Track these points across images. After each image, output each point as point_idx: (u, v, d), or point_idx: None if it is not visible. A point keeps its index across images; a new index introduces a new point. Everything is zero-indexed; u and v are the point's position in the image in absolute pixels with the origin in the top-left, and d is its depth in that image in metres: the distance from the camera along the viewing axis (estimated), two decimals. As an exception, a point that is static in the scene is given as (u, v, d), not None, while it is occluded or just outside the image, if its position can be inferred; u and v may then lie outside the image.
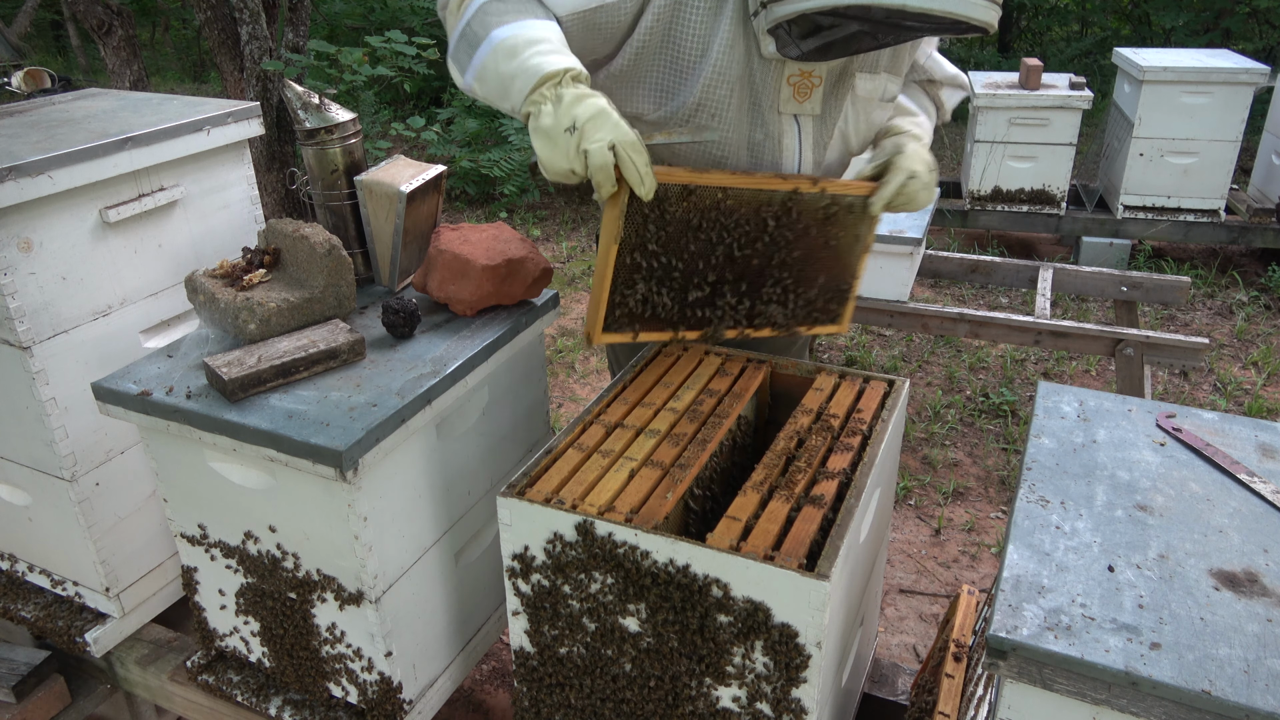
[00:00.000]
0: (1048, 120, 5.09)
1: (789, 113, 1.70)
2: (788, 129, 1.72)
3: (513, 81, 1.40)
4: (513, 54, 1.41)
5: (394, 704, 1.76)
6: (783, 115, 1.70)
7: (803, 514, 1.41)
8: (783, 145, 1.72)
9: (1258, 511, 1.31)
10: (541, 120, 1.37)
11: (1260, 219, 5.08)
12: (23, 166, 1.71)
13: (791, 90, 1.67)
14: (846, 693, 1.72)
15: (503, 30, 1.43)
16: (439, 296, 1.88)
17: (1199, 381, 4.28)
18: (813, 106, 1.70)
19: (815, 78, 1.67)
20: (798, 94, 1.68)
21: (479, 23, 1.47)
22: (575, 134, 1.35)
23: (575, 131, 1.35)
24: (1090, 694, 1.07)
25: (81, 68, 10.99)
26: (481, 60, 1.44)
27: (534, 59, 1.38)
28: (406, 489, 1.69)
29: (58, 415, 1.86)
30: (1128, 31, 9.36)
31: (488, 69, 1.44)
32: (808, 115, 1.71)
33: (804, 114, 1.71)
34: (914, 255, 3.47)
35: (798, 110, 1.70)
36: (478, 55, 1.45)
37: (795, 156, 1.74)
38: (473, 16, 1.49)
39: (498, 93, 1.45)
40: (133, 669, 2.09)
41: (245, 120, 2.11)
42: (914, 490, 3.54)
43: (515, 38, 1.41)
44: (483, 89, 1.48)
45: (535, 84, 1.38)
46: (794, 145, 1.72)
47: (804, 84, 1.67)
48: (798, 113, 1.70)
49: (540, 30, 1.43)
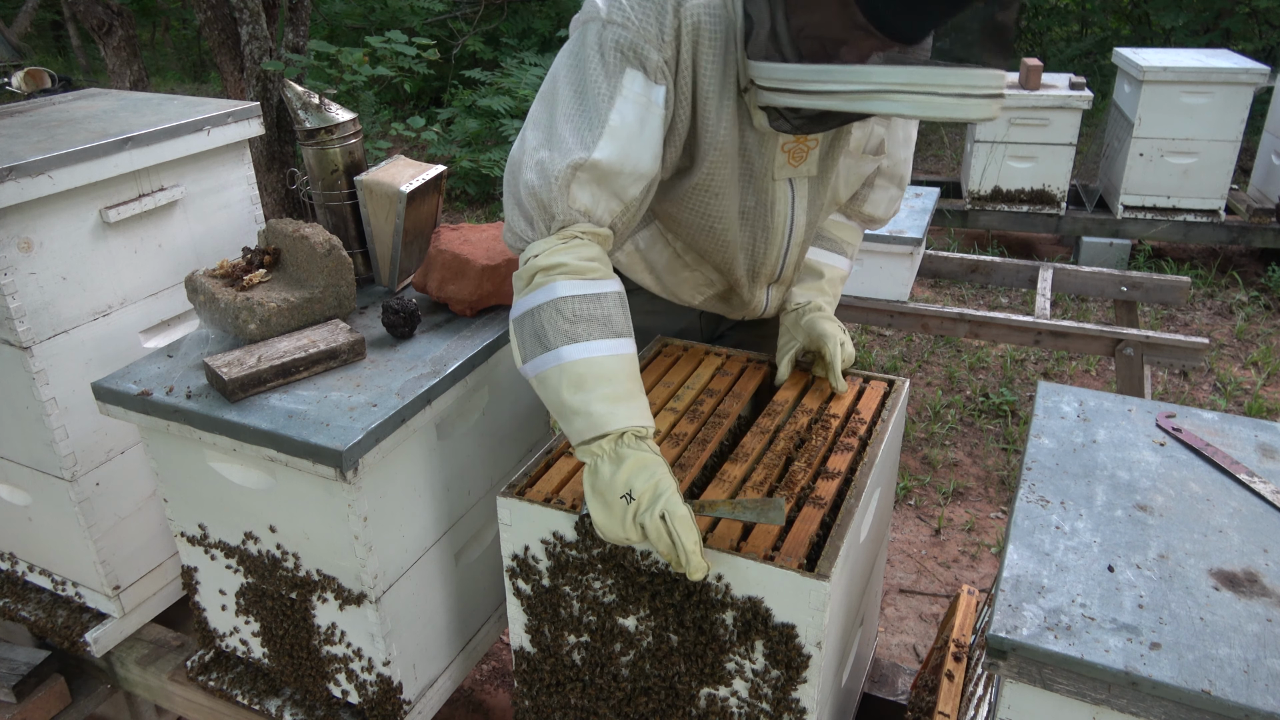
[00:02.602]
0: (1048, 120, 5.09)
1: (783, 178, 1.62)
2: (780, 195, 1.64)
3: (573, 417, 1.33)
4: (578, 387, 1.33)
5: (394, 704, 1.76)
6: (777, 182, 1.62)
7: (802, 514, 1.41)
8: (775, 211, 1.65)
9: (1258, 511, 1.31)
10: (599, 477, 1.31)
11: (1260, 219, 5.08)
12: (23, 166, 1.71)
13: (786, 156, 1.60)
14: (846, 693, 1.72)
15: (574, 351, 1.34)
16: (439, 296, 1.89)
17: (1199, 381, 4.28)
18: (808, 169, 1.64)
19: (811, 140, 1.60)
20: (792, 159, 1.61)
21: (550, 324, 1.36)
22: (632, 504, 1.28)
23: (632, 501, 1.28)
24: (1090, 694, 1.07)
25: (81, 68, 10.99)
26: (544, 371, 1.37)
27: (599, 405, 1.31)
28: (406, 489, 1.69)
29: (58, 415, 1.86)
30: (1128, 31, 9.35)
31: (549, 384, 1.37)
32: (803, 178, 1.64)
33: (799, 177, 1.64)
34: (914, 255, 3.47)
35: (793, 174, 1.63)
36: (542, 362, 1.37)
37: (787, 221, 1.67)
38: (544, 309, 1.37)
39: (554, 410, 1.38)
40: (133, 669, 2.09)
41: (245, 120, 2.11)
42: (914, 490, 3.54)
43: (586, 371, 1.33)
44: (540, 392, 1.40)
45: (595, 436, 1.31)
46: (786, 210, 1.66)
47: (799, 149, 1.60)
48: (793, 177, 1.63)
49: (612, 366, 1.35)
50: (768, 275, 1.78)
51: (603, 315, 1.38)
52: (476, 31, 8.05)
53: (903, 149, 1.83)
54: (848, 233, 1.92)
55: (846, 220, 1.93)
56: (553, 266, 1.38)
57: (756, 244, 1.70)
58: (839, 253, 1.90)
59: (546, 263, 1.38)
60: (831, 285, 1.86)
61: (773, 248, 1.71)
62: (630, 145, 1.41)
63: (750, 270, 1.75)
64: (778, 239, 1.69)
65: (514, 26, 8.27)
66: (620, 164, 1.41)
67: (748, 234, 1.68)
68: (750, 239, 1.69)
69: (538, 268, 1.39)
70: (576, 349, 1.34)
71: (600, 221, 1.44)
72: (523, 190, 1.43)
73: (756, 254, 1.72)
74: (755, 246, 1.70)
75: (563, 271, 1.38)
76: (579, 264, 1.38)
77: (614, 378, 1.34)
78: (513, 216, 1.46)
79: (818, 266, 1.86)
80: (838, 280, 1.88)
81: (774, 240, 1.69)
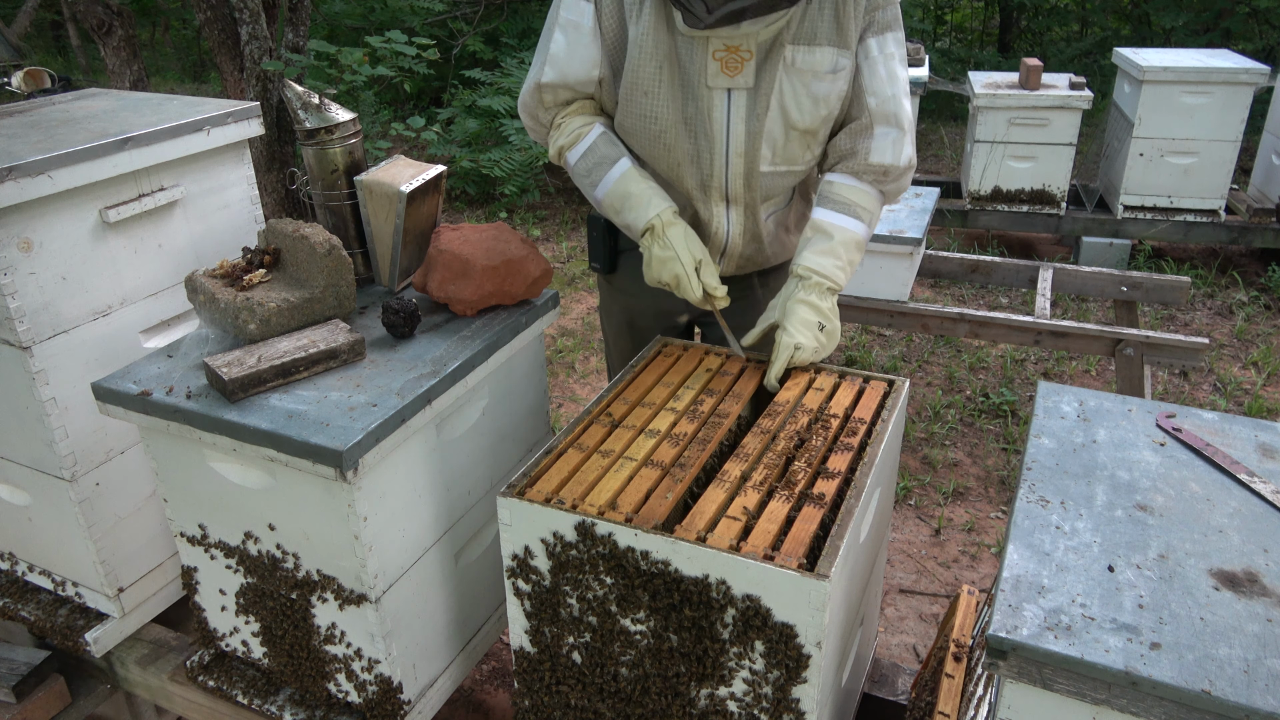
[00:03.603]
0: (1048, 120, 5.09)
1: (719, 87, 1.76)
2: (717, 103, 1.77)
3: (627, 228, 1.88)
4: (617, 210, 1.86)
5: (394, 704, 1.76)
6: (712, 90, 1.76)
7: (803, 514, 1.41)
8: (712, 119, 1.78)
9: (1258, 511, 1.31)
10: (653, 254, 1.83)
11: (1260, 219, 5.08)
12: (23, 166, 1.71)
13: (719, 65, 1.74)
14: (846, 693, 1.72)
15: (601, 189, 1.88)
16: (439, 296, 1.88)
17: (1199, 381, 4.28)
18: (745, 80, 1.75)
19: (745, 52, 1.72)
20: (726, 68, 1.74)
21: (581, 182, 1.92)
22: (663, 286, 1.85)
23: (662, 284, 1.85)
24: (1090, 694, 1.07)
25: (81, 68, 10.98)
26: (600, 206, 1.91)
27: (631, 215, 1.84)
28: (406, 489, 1.69)
29: (58, 415, 1.86)
30: (1128, 31, 9.35)
31: (607, 210, 1.90)
32: (741, 89, 1.75)
33: (736, 88, 1.75)
34: (914, 255, 3.47)
35: (729, 84, 1.75)
36: (595, 200, 1.91)
37: (724, 129, 1.79)
38: (574, 175, 1.92)
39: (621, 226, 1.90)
40: (133, 669, 2.09)
41: (245, 120, 2.11)
42: (914, 490, 3.54)
43: (613, 196, 1.86)
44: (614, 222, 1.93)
45: (640, 234, 1.84)
46: (722, 118, 1.78)
47: (731, 59, 1.73)
48: (730, 87, 1.75)
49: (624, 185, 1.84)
50: (718, 189, 1.87)
51: (600, 158, 1.87)
52: (476, 31, 8.04)
53: (888, 85, 1.80)
54: (859, 195, 1.84)
55: (858, 182, 1.85)
56: (561, 148, 1.91)
57: (701, 153, 1.83)
58: (850, 215, 1.83)
59: (554, 148, 1.93)
60: (845, 249, 1.81)
61: (716, 157, 1.83)
62: (567, 65, 1.83)
63: (700, 183, 1.87)
64: (719, 148, 1.81)
65: (514, 26, 8.26)
66: (563, 80, 1.84)
67: (691, 143, 1.83)
68: (694, 147, 1.83)
69: (554, 156, 1.94)
70: (601, 187, 1.87)
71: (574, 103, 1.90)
72: (520, 109, 1.96)
73: (702, 164, 1.84)
74: (700, 155, 1.83)
75: (565, 148, 1.90)
76: (571, 138, 1.89)
77: (628, 193, 1.84)
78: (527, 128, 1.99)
79: (827, 228, 1.82)
80: (851, 244, 1.82)
81: (716, 149, 1.82)
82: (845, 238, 1.81)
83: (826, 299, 1.80)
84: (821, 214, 1.84)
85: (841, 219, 1.83)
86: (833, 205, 1.84)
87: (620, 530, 1.38)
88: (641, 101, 1.80)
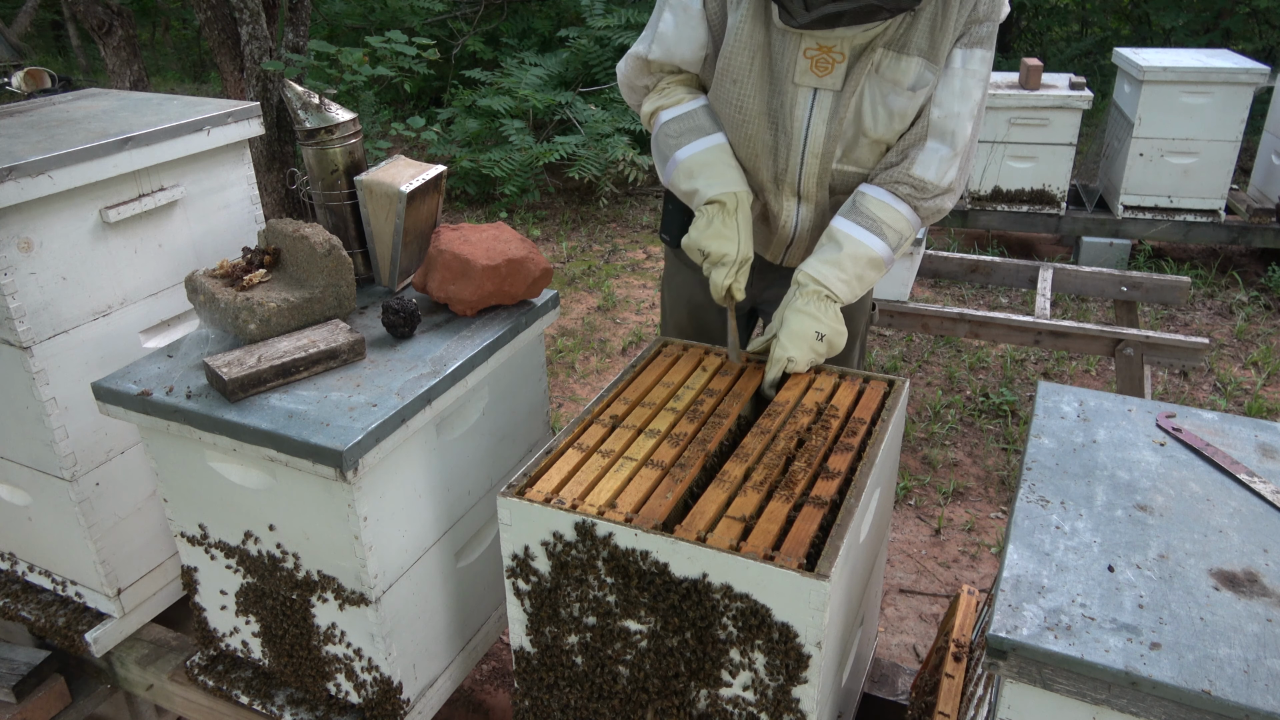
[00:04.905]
0: (1048, 120, 5.09)
1: (805, 85, 1.76)
2: (801, 100, 1.78)
3: (690, 197, 1.88)
4: (690, 176, 1.86)
5: (394, 704, 1.76)
6: (798, 87, 1.77)
7: (803, 514, 1.41)
8: (793, 116, 1.80)
9: (1258, 511, 1.31)
10: (696, 226, 1.84)
11: (1260, 219, 5.08)
12: (23, 166, 1.71)
13: (809, 64, 1.75)
14: (846, 693, 1.72)
15: (683, 154, 1.87)
16: (439, 296, 1.88)
17: (1199, 381, 4.28)
18: (833, 82, 1.75)
19: (837, 53, 1.73)
20: (816, 68, 1.75)
21: (664, 143, 1.91)
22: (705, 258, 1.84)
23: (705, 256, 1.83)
24: (1090, 694, 1.07)
25: (81, 68, 10.98)
26: (672, 173, 1.91)
27: (701, 183, 1.84)
28: (406, 489, 1.69)
29: (58, 415, 1.86)
30: (1128, 31, 9.35)
31: (676, 182, 1.90)
32: (827, 90, 1.76)
33: (823, 88, 1.76)
34: (914, 255, 3.47)
35: (817, 84, 1.76)
36: (670, 167, 1.91)
37: (804, 127, 1.80)
38: (658, 136, 1.93)
39: (683, 196, 1.91)
40: (133, 669, 2.09)
41: (245, 120, 2.11)
42: (914, 490, 3.54)
43: (692, 163, 1.86)
44: (675, 191, 1.93)
45: (702, 205, 1.84)
46: (804, 116, 1.79)
47: (823, 59, 1.74)
48: (817, 86, 1.76)
49: (708, 156, 1.85)
50: (790, 185, 1.88)
51: (694, 125, 1.88)
52: (476, 31, 8.04)
53: (958, 101, 1.75)
54: (887, 212, 1.79)
55: (891, 198, 1.79)
56: (655, 109, 1.93)
57: (779, 146, 1.84)
58: (873, 232, 1.78)
59: (649, 109, 1.95)
60: (854, 262, 1.77)
61: (793, 154, 1.84)
62: (674, 45, 1.86)
63: (774, 177, 1.88)
64: (796, 144, 1.82)
65: (514, 26, 8.26)
66: (668, 58, 1.88)
67: (770, 135, 1.84)
68: (773, 140, 1.84)
69: (647, 114, 1.96)
70: (686, 150, 1.87)
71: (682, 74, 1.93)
72: (619, 74, 2.00)
73: (779, 158, 1.85)
74: (778, 149, 1.84)
75: (661, 108, 1.92)
76: (670, 101, 1.91)
77: (712, 164, 1.84)
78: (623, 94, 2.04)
79: (839, 237, 1.79)
80: (862, 260, 1.78)
81: (794, 145, 1.83)
82: (856, 251, 1.78)
83: (826, 307, 1.77)
84: (840, 222, 1.81)
85: (859, 232, 1.79)
86: (855, 217, 1.80)
87: (620, 530, 1.38)
88: (730, 89, 1.82)
